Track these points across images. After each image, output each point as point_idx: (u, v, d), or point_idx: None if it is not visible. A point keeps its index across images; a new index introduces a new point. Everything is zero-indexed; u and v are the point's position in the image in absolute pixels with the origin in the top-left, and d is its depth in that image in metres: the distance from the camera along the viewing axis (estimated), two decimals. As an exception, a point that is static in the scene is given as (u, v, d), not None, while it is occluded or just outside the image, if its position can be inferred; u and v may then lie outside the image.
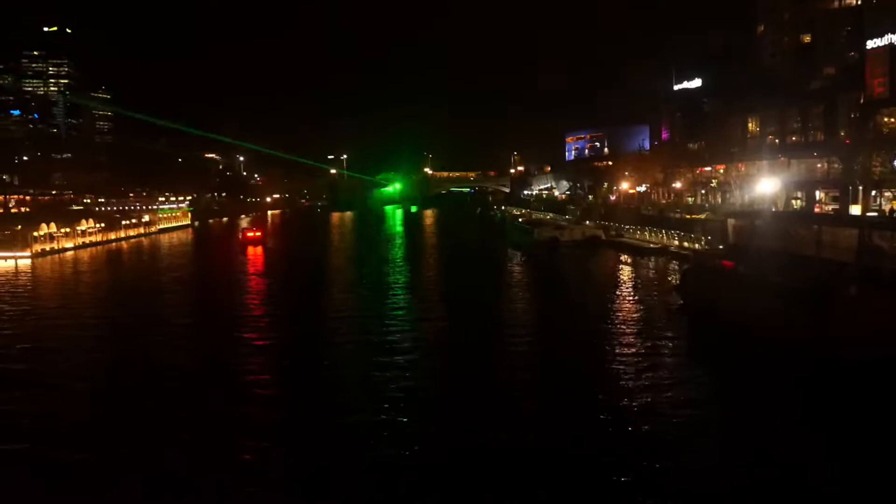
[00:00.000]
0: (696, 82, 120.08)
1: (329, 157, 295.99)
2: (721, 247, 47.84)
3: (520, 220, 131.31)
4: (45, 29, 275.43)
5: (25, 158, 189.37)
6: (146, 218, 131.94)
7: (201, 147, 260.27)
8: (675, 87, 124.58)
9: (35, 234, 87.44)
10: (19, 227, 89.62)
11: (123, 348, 36.33)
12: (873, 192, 71.14)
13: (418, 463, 21.15)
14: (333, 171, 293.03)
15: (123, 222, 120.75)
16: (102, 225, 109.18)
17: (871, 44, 74.59)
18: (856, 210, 70.67)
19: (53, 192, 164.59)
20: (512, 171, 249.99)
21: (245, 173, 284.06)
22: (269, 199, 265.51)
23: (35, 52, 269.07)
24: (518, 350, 34.33)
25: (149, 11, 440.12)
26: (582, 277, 63.49)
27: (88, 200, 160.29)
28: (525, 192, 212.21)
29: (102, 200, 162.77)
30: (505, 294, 53.18)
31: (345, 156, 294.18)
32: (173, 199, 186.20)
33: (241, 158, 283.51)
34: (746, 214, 52.87)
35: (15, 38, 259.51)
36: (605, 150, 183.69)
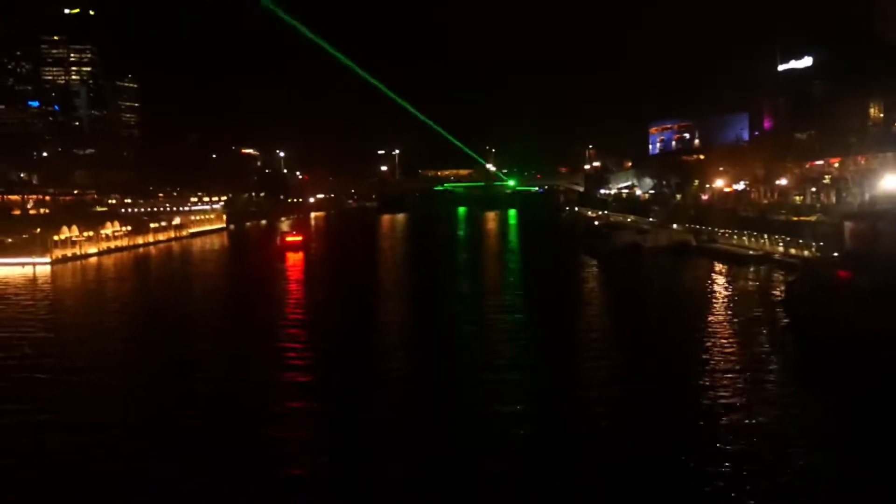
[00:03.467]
0: (806, 61, 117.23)
1: (379, 151, 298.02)
2: (836, 254, 46.38)
3: (596, 222, 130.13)
4: (67, 11, 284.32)
5: (45, 154, 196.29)
6: (177, 220, 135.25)
7: (237, 142, 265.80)
8: (780, 68, 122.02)
9: (55, 238, 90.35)
10: (38, 230, 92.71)
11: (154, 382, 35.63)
12: None
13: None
14: (384, 167, 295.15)
15: (152, 225, 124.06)
16: (129, 228, 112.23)
17: None
18: None
19: (75, 192, 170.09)
20: (586, 167, 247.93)
21: (286, 171, 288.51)
22: (312, 200, 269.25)
23: (55, 37, 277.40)
24: (597, 376, 33.74)
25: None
26: (669, 290, 62.32)
27: (114, 201, 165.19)
28: (602, 191, 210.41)
29: (129, 201, 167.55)
30: (579, 309, 52.56)
31: (396, 151, 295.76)
32: (206, 199, 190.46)
33: (282, 154, 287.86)
34: (867, 216, 51.06)
35: (33, 22, 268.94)
36: (696, 142, 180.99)
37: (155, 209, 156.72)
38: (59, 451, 25.08)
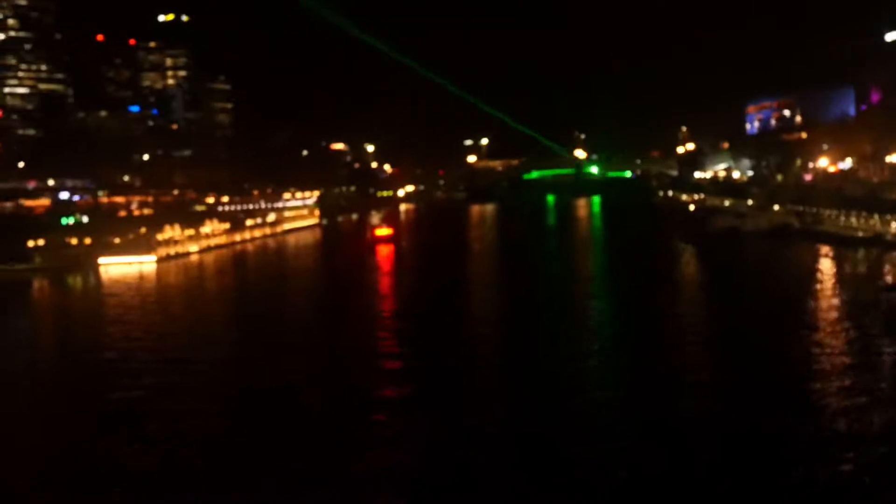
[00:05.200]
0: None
1: (466, 142, 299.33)
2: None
3: (691, 207, 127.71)
4: (161, 18, 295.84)
5: (146, 157, 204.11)
6: (272, 217, 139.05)
7: (327, 138, 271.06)
8: (888, 37, 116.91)
9: (159, 237, 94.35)
10: (143, 230, 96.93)
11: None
12: None
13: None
14: (472, 158, 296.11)
15: (248, 223, 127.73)
16: (227, 226, 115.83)
17: None
18: None
19: (175, 193, 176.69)
20: (680, 149, 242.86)
21: (374, 164, 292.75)
22: (401, 193, 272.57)
23: (151, 44, 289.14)
24: (699, 370, 33.39)
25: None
26: (770, 275, 60.86)
27: (211, 200, 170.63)
28: (697, 175, 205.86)
29: (226, 200, 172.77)
30: (674, 296, 51.92)
31: (485, 140, 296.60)
32: (299, 195, 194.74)
33: (371, 149, 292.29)
34: None
35: (130, 31, 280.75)
36: (797, 119, 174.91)
37: (250, 206, 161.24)
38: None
